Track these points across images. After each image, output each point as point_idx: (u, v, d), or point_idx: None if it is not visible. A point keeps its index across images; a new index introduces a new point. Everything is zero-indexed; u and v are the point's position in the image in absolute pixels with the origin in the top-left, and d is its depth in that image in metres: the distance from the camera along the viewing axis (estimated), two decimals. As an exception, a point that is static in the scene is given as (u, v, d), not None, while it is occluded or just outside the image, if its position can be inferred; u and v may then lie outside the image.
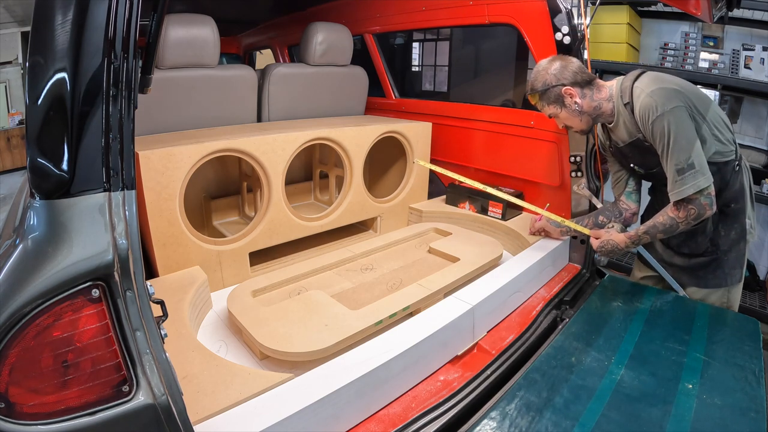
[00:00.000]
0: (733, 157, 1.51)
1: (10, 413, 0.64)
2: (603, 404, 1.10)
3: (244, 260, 1.77)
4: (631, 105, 1.48)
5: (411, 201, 2.34)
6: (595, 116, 1.57)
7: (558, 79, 1.51)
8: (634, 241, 1.57)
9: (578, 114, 1.55)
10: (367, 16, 2.63)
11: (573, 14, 1.73)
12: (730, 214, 1.54)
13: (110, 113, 0.67)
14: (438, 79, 3.85)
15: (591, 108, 1.55)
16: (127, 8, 0.67)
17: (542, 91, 1.54)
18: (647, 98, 1.40)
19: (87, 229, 0.66)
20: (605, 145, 1.73)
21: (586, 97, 1.53)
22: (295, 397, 1.00)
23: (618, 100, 1.52)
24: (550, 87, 1.52)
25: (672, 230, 1.47)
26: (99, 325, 0.68)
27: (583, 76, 1.52)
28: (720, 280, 1.60)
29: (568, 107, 1.54)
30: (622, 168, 1.73)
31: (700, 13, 1.88)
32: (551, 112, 1.58)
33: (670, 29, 3.44)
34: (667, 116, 1.36)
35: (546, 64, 1.55)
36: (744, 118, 3.25)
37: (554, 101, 1.55)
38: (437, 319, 1.31)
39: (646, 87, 1.42)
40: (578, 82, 1.51)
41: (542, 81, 1.53)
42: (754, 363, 1.24)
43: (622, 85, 1.51)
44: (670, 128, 1.36)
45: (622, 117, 1.53)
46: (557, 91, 1.52)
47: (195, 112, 1.98)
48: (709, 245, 1.58)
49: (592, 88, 1.54)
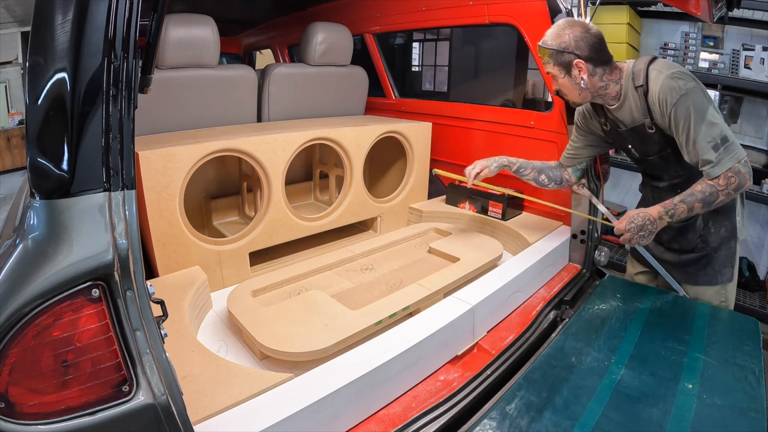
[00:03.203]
0: None
1: (10, 413, 0.64)
2: (603, 404, 1.10)
3: (244, 260, 1.77)
4: (644, 88, 1.42)
5: (411, 201, 2.34)
6: (597, 96, 1.51)
7: (575, 46, 1.41)
8: (669, 211, 1.41)
9: (579, 88, 1.47)
10: (367, 16, 2.63)
11: (573, 14, 1.73)
12: (721, 211, 1.53)
13: (110, 113, 0.67)
14: (438, 79, 3.86)
15: (596, 87, 1.48)
16: (127, 8, 0.66)
17: (555, 50, 1.43)
18: (668, 80, 1.35)
19: (87, 229, 0.66)
20: (586, 124, 1.69)
21: (596, 75, 1.45)
22: (295, 397, 1.00)
23: (629, 83, 1.46)
24: (564, 51, 1.42)
25: (711, 199, 1.35)
26: (99, 325, 0.68)
27: (600, 54, 1.43)
28: (710, 277, 1.59)
29: (573, 78, 1.46)
30: (586, 148, 1.73)
31: (700, 13, 1.88)
32: (553, 72, 1.49)
33: (670, 29, 3.44)
34: (691, 95, 1.32)
35: (566, 25, 1.44)
36: (744, 118, 3.25)
37: (561, 65, 1.45)
38: (437, 319, 1.31)
39: (665, 69, 1.37)
40: (593, 59, 1.42)
41: (558, 41, 1.42)
42: (754, 363, 1.24)
43: (634, 67, 1.45)
44: (696, 107, 1.32)
45: (629, 101, 1.48)
46: (569, 58, 1.42)
47: (195, 112, 1.98)
48: (699, 242, 1.58)
49: (605, 68, 1.45)
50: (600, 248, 1.90)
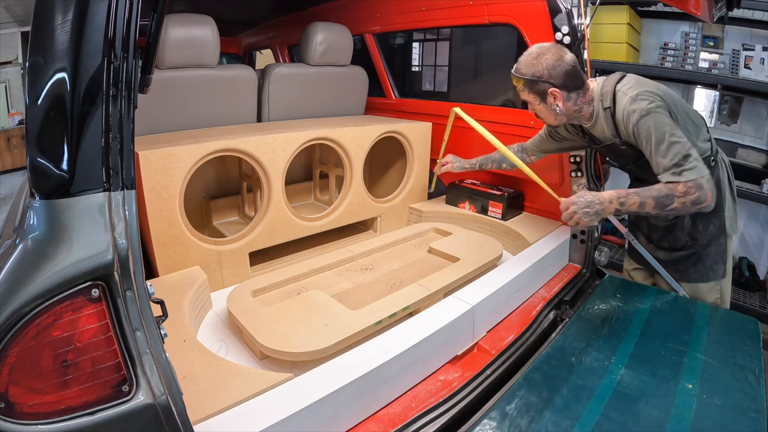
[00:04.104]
0: (709, 153, 1.52)
1: (10, 413, 0.64)
2: (603, 404, 1.10)
3: (244, 260, 1.77)
4: (611, 109, 1.46)
5: (411, 201, 2.34)
6: (572, 118, 1.55)
7: (549, 75, 1.43)
8: (621, 198, 1.38)
9: (554, 113, 1.51)
10: (367, 16, 2.63)
11: (573, 14, 1.73)
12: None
13: (110, 113, 0.67)
14: (438, 79, 3.85)
15: (571, 111, 1.52)
16: (127, 8, 0.66)
17: (529, 80, 1.46)
18: (630, 102, 1.39)
19: (87, 228, 0.66)
20: (567, 133, 1.74)
21: (570, 100, 1.49)
22: (295, 397, 1.00)
23: (598, 104, 1.50)
24: (539, 80, 1.45)
25: (666, 202, 1.33)
26: (99, 324, 0.68)
27: (574, 81, 1.45)
28: (701, 274, 1.60)
29: (548, 105, 1.49)
30: (559, 145, 1.80)
31: (700, 13, 1.88)
32: (529, 100, 1.52)
33: (670, 29, 3.44)
34: (652, 116, 1.34)
35: (540, 53, 1.45)
36: (744, 118, 3.25)
37: (536, 93, 1.48)
38: (437, 319, 1.31)
39: (628, 90, 1.41)
40: (567, 86, 1.45)
41: (532, 71, 1.45)
42: (754, 363, 1.24)
43: (602, 89, 1.49)
44: (657, 126, 1.34)
45: (600, 120, 1.51)
46: (543, 87, 1.45)
47: (195, 112, 1.98)
48: (688, 239, 1.59)
49: (579, 92, 1.49)
50: (600, 248, 1.90)
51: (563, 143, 1.79)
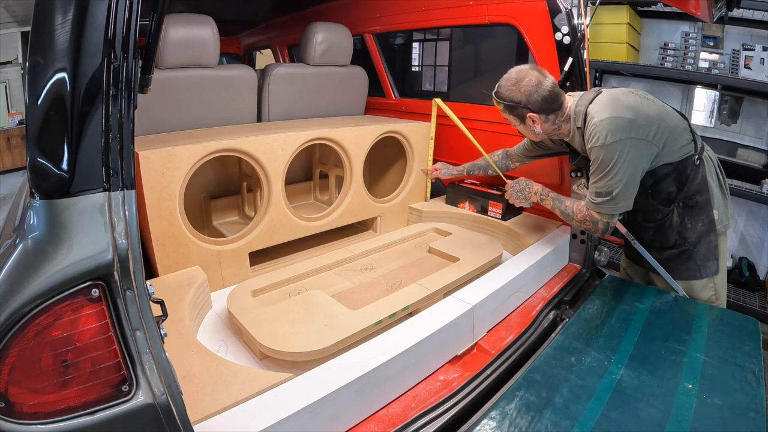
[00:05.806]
0: (693, 152, 1.53)
1: (10, 413, 0.64)
2: (603, 404, 1.10)
3: (244, 260, 1.77)
4: (582, 129, 1.51)
5: (411, 201, 2.34)
6: (552, 134, 1.63)
7: (527, 101, 1.49)
8: (542, 194, 1.68)
9: (534, 134, 1.59)
10: (367, 16, 2.63)
11: (573, 14, 1.73)
12: (695, 206, 1.56)
13: (110, 113, 0.67)
14: (438, 79, 3.86)
15: (549, 131, 1.59)
16: (127, 8, 0.67)
17: (507, 105, 1.54)
18: (595, 127, 1.43)
19: (87, 228, 0.67)
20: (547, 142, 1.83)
21: (549, 122, 1.55)
22: (295, 397, 1.00)
23: (573, 122, 1.55)
24: (516, 106, 1.52)
25: (567, 216, 1.60)
26: (99, 324, 0.69)
27: (551, 104, 1.50)
28: (693, 271, 1.61)
29: (527, 126, 1.57)
30: (544, 151, 1.87)
31: (700, 13, 1.88)
32: (509, 120, 1.61)
33: (670, 29, 3.44)
34: (606, 150, 1.40)
35: (518, 78, 1.50)
36: (744, 118, 3.25)
37: (516, 117, 1.57)
38: (437, 319, 1.31)
39: (597, 114, 1.43)
40: (545, 109, 1.51)
41: (510, 96, 1.52)
42: (754, 363, 1.24)
43: (576, 107, 1.52)
44: (604, 159, 1.41)
45: (576, 135, 1.57)
46: (522, 112, 1.53)
47: (195, 112, 1.98)
48: (678, 238, 1.61)
49: (557, 113, 1.54)
50: (600, 248, 1.90)
51: (548, 151, 1.88)
